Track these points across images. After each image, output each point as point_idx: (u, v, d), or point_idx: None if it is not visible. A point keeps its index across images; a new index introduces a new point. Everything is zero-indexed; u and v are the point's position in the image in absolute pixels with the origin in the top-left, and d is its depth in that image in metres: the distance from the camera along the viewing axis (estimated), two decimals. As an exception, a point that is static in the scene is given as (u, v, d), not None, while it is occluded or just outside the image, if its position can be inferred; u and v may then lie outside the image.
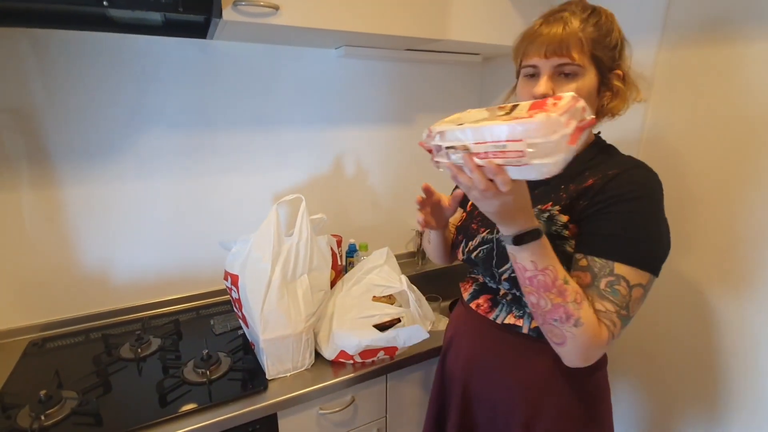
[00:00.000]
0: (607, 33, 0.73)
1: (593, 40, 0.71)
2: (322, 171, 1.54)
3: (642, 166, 0.74)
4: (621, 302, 0.69)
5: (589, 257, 0.71)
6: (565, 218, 0.75)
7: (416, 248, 1.76)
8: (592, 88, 0.74)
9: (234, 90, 1.33)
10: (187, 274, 1.39)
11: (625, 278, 0.69)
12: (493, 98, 1.72)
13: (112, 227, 1.26)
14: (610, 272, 0.69)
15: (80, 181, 1.20)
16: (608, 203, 0.71)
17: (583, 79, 0.73)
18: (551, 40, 0.72)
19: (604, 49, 0.73)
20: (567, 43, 0.71)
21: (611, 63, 0.74)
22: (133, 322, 1.29)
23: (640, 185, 0.71)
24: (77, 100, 1.15)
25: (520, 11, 1.37)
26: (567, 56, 0.71)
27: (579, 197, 0.74)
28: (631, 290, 0.69)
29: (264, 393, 0.99)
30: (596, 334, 0.69)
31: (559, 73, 0.73)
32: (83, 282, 1.26)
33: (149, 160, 1.27)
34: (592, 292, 0.70)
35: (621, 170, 0.73)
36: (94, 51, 1.14)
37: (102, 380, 1.01)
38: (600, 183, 0.73)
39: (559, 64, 0.72)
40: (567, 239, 0.74)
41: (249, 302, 0.99)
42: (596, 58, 0.72)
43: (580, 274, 0.72)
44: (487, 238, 0.85)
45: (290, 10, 1.01)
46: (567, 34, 0.71)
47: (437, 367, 1.02)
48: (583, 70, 0.72)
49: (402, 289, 1.19)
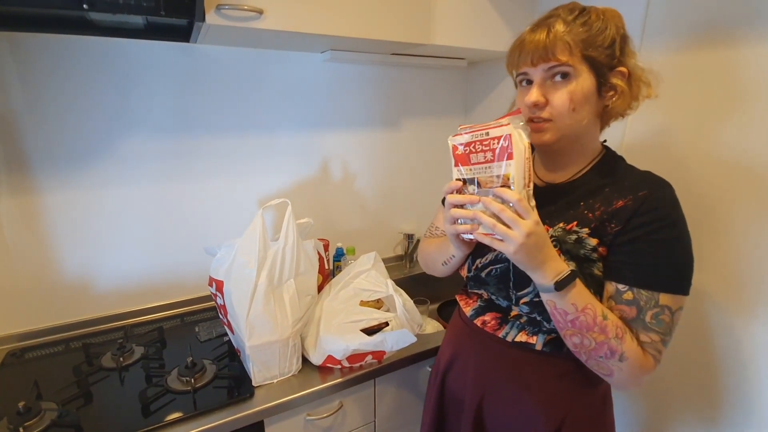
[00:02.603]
0: (600, 31, 0.69)
1: (583, 41, 0.69)
2: (308, 175, 1.53)
3: (668, 185, 0.72)
4: (665, 330, 0.69)
5: (635, 290, 0.69)
6: (594, 242, 0.72)
7: (404, 251, 1.76)
8: (589, 89, 0.71)
9: (219, 94, 1.32)
10: (171, 281, 1.36)
11: (669, 307, 0.68)
12: (479, 102, 1.73)
13: (93, 233, 1.23)
14: (655, 304, 0.68)
15: (61, 187, 1.17)
16: (648, 230, 0.68)
17: (577, 81, 0.70)
18: (536, 47, 0.70)
19: (597, 48, 0.69)
20: (552, 47, 0.69)
21: (610, 61, 0.71)
22: (115, 330, 1.27)
23: (673, 207, 0.70)
24: (58, 105, 1.13)
25: (504, 17, 1.39)
26: (554, 59, 0.70)
27: (609, 220, 0.71)
28: (673, 316, 0.69)
29: (250, 400, 0.98)
30: (642, 364, 0.69)
31: (552, 77, 0.71)
32: (63, 290, 1.23)
33: (132, 165, 1.25)
34: (637, 325, 0.70)
35: (650, 190, 0.70)
36: (76, 55, 1.12)
37: (83, 391, 0.99)
38: (632, 206, 0.70)
39: (549, 68, 0.71)
40: (595, 262, 0.72)
41: (234, 308, 0.98)
42: (589, 59, 0.70)
43: (625, 308, 0.70)
44: (501, 257, 0.81)
45: (274, 14, 1.01)
46: (552, 38, 0.69)
47: (432, 386, 0.99)
48: (576, 71, 0.70)
49: (389, 293, 1.19)
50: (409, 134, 1.70)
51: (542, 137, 0.74)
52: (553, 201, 0.78)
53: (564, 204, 0.77)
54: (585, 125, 0.73)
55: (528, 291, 0.77)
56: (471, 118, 1.79)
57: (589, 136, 0.77)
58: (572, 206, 0.76)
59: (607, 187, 0.74)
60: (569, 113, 0.71)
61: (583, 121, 0.72)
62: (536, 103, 0.71)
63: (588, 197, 0.75)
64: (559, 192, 0.79)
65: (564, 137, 0.73)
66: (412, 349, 1.14)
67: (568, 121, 0.71)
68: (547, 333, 0.78)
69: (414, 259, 1.78)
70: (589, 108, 0.72)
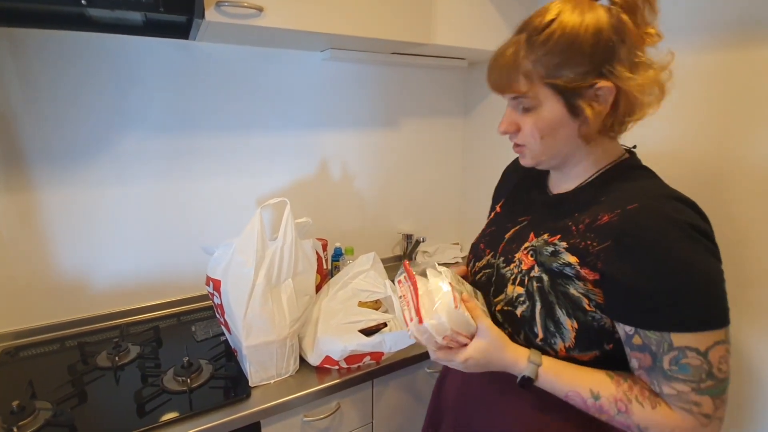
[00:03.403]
0: (567, 49, 0.60)
1: (545, 66, 0.61)
2: (307, 174, 1.52)
3: (668, 196, 0.60)
4: (696, 376, 0.56)
5: (640, 332, 0.59)
6: (572, 259, 0.64)
7: (403, 252, 1.76)
8: (555, 117, 0.64)
9: (218, 92, 1.31)
10: (167, 280, 1.35)
11: (691, 348, 0.56)
12: (478, 102, 1.73)
13: (90, 232, 1.22)
14: (669, 347, 0.57)
15: (58, 184, 1.16)
16: (639, 256, 0.58)
17: (539, 111, 0.64)
18: (495, 73, 0.67)
19: (564, 69, 0.60)
20: (509, 77, 0.64)
21: (583, 79, 0.60)
22: (111, 329, 1.26)
23: (673, 225, 0.57)
24: (56, 102, 1.12)
25: (505, 17, 1.38)
26: (513, 90, 0.65)
27: (591, 237, 0.63)
28: (705, 357, 0.55)
29: (247, 401, 0.97)
30: (677, 425, 0.58)
31: (516, 105, 0.67)
32: (59, 288, 1.22)
33: (130, 163, 1.24)
34: (656, 375, 0.59)
35: (642, 204, 0.59)
36: (74, 52, 1.12)
37: (77, 390, 0.98)
38: (618, 223, 0.60)
39: (513, 98, 0.66)
40: (571, 279, 0.64)
41: (231, 308, 0.97)
42: (553, 85, 0.62)
43: (639, 355, 0.60)
44: (490, 261, 0.78)
45: (274, 12, 1.00)
46: (509, 67, 0.64)
47: (433, 392, 0.97)
48: (539, 101, 0.64)
49: (388, 294, 1.18)
50: (408, 134, 1.70)
51: (523, 161, 0.73)
52: (551, 212, 0.73)
53: (557, 214, 0.71)
54: (562, 150, 0.68)
55: (501, 299, 0.72)
56: (471, 119, 1.79)
57: (581, 153, 0.69)
58: (563, 217, 0.70)
59: (603, 195, 0.66)
60: (538, 141, 0.67)
61: (559, 146, 0.67)
62: (505, 132, 0.70)
63: (582, 208, 0.67)
64: (559, 202, 0.74)
65: (547, 160, 0.70)
66: (410, 350, 1.13)
67: (539, 148, 0.68)
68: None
69: (413, 260, 1.77)
70: (562, 133, 0.65)
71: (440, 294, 0.67)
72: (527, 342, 0.69)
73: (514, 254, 0.74)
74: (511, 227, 0.79)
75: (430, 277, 0.72)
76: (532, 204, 0.80)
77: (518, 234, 0.77)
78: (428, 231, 1.81)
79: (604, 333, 0.63)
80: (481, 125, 1.74)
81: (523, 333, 0.69)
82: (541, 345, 0.67)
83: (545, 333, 0.66)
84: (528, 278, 0.69)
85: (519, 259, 0.72)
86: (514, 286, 0.71)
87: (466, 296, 0.69)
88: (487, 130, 1.72)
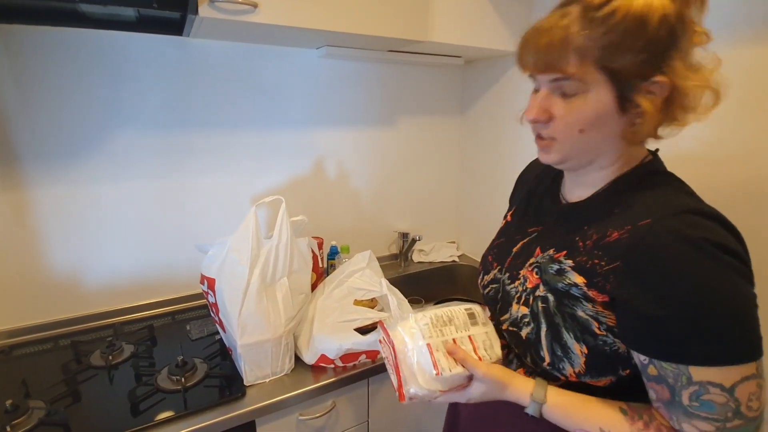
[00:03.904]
0: (631, 32, 0.51)
1: (602, 47, 0.52)
2: (302, 172, 1.52)
3: (685, 210, 0.53)
4: (721, 415, 0.49)
5: (655, 362, 0.53)
6: (580, 280, 0.58)
7: (399, 250, 1.75)
8: (604, 108, 0.55)
9: (213, 89, 1.30)
10: (162, 278, 1.35)
11: (714, 383, 0.49)
12: (475, 101, 1.73)
13: (84, 230, 1.22)
14: (688, 381, 0.50)
15: (52, 182, 1.15)
16: (647, 281, 0.51)
17: (587, 98, 0.55)
18: (538, 50, 0.56)
19: (624, 53, 0.52)
20: (556, 54, 0.54)
21: (643, 69, 0.52)
22: (105, 328, 1.25)
23: (691, 245, 0.50)
24: (49, 99, 1.11)
25: (501, 15, 1.38)
26: (558, 70, 0.55)
27: (599, 255, 0.57)
28: (731, 393, 0.49)
29: (242, 400, 0.96)
30: None
31: (556, 89, 0.57)
32: (53, 286, 1.21)
33: (124, 161, 1.23)
34: (676, 411, 0.53)
35: (655, 220, 0.52)
36: (68, 48, 1.11)
37: (71, 389, 0.97)
38: (627, 241, 0.54)
39: (553, 79, 0.56)
40: (578, 300, 0.58)
41: (226, 306, 0.96)
42: (608, 70, 0.53)
43: (656, 387, 0.54)
44: (497, 276, 0.73)
45: (269, 8, 0.99)
46: (558, 42, 0.54)
47: (448, 409, 0.94)
48: (586, 87, 0.54)
49: (383, 293, 1.18)
50: (404, 132, 1.69)
51: (546, 157, 0.63)
52: (563, 224, 0.67)
53: (567, 227, 0.65)
54: (604, 146, 0.59)
55: (506, 318, 0.68)
56: (467, 117, 1.78)
57: (611, 156, 0.61)
58: (572, 231, 0.63)
59: (617, 207, 0.59)
60: (575, 135, 0.57)
61: (598, 144, 0.59)
62: (535, 120, 0.60)
63: (592, 221, 0.61)
64: (572, 212, 0.67)
65: (574, 158, 0.61)
66: (406, 348, 1.13)
67: (574, 143, 0.58)
68: (531, 373, 0.67)
69: (409, 258, 1.77)
70: (605, 128, 0.57)
71: (418, 362, 0.63)
72: (534, 365, 0.64)
73: (519, 270, 0.69)
74: (520, 239, 0.74)
75: (406, 336, 0.66)
76: (543, 214, 0.74)
77: (526, 248, 0.71)
78: (424, 229, 1.81)
79: (619, 358, 0.57)
80: (478, 124, 1.74)
81: (529, 355, 0.65)
82: (548, 369, 0.62)
83: (552, 357, 0.61)
84: (533, 297, 0.64)
85: (524, 276, 0.67)
86: (518, 305, 0.67)
87: (451, 347, 0.64)
88: (483, 129, 1.71)
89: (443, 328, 0.66)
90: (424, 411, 1.29)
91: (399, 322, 0.68)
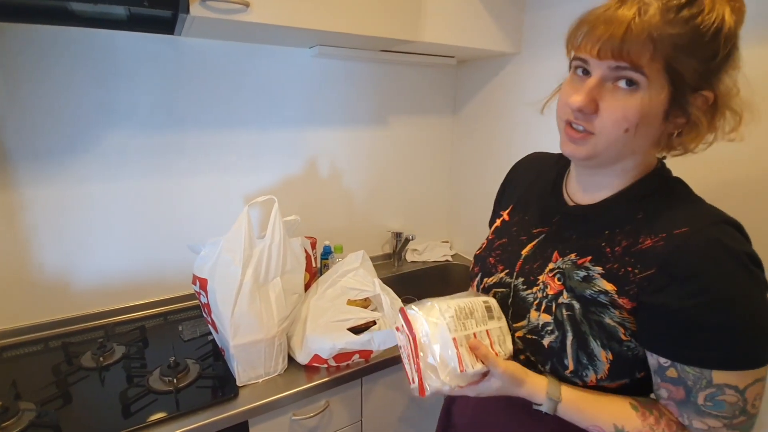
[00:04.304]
0: (707, 37, 0.50)
1: (677, 45, 0.50)
2: (295, 172, 1.51)
3: (725, 222, 0.54)
4: (730, 413, 0.53)
5: (678, 366, 0.54)
6: (609, 287, 0.58)
7: (392, 250, 1.76)
8: (654, 110, 0.53)
9: (205, 88, 1.30)
10: (154, 279, 1.34)
11: (731, 386, 0.52)
12: (467, 101, 1.73)
13: (74, 230, 1.20)
14: (708, 384, 0.53)
15: (42, 181, 1.14)
16: (688, 291, 0.52)
17: (645, 95, 0.52)
18: (610, 35, 0.52)
19: (691, 58, 0.51)
20: (631, 41, 0.51)
21: (698, 80, 0.52)
22: (96, 329, 1.24)
23: (727, 255, 0.51)
24: (40, 98, 1.10)
25: (493, 15, 1.39)
26: (626, 60, 0.51)
27: (631, 263, 0.56)
28: (743, 394, 0.52)
29: (234, 400, 0.96)
30: None
31: (615, 79, 0.54)
32: (43, 287, 1.20)
33: (115, 161, 1.22)
34: (687, 409, 0.55)
35: (693, 229, 0.53)
36: (59, 47, 1.10)
37: (62, 391, 0.96)
38: (664, 250, 0.54)
39: (616, 67, 0.53)
40: (606, 307, 0.58)
41: (218, 307, 0.96)
42: (673, 71, 0.51)
43: (671, 387, 0.56)
44: (505, 280, 0.71)
45: (261, 8, 0.99)
46: (637, 29, 0.50)
47: (442, 410, 0.91)
48: (648, 83, 0.52)
49: (376, 292, 1.18)
50: (397, 132, 1.69)
51: (576, 150, 0.59)
52: (575, 227, 0.66)
53: (585, 231, 0.64)
54: (636, 149, 0.58)
55: (523, 325, 0.67)
56: (460, 117, 1.79)
57: (635, 160, 0.61)
58: (593, 235, 0.62)
59: (641, 213, 0.59)
60: (620, 134, 0.55)
61: (633, 147, 0.57)
62: (581, 110, 0.55)
63: (614, 225, 0.60)
64: (585, 216, 0.65)
65: (603, 157, 0.58)
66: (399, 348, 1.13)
67: (613, 141, 0.56)
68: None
69: (402, 258, 1.77)
70: (647, 132, 0.55)
71: (444, 357, 0.61)
72: (554, 373, 0.63)
73: (537, 276, 0.67)
74: (526, 241, 0.72)
75: (429, 328, 0.63)
76: (548, 213, 0.71)
77: (539, 251, 0.69)
78: (417, 229, 1.81)
79: (638, 362, 0.59)
80: (471, 123, 1.74)
81: (550, 364, 0.63)
82: (569, 377, 0.62)
83: (576, 365, 0.60)
84: (555, 305, 0.63)
85: (544, 282, 0.65)
86: (538, 312, 0.65)
87: (474, 343, 0.62)
88: (476, 129, 1.72)
89: (465, 321, 0.64)
90: (418, 411, 1.29)
91: (422, 310, 0.64)
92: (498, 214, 0.83)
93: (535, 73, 1.43)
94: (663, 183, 0.61)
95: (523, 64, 1.47)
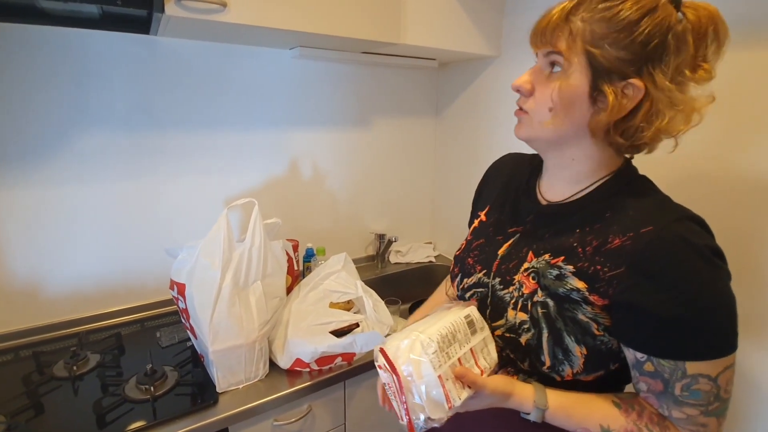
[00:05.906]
0: (624, 27, 0.54)
1: (592, 32, 0.56)
2: (276, 174, 1.50)
3: (687, 218, 0.56)
4: (705, 400, 0.56)
5: (654, 360, 0.57)
6: (581, 285, 0.60)
7: (375, 252, 1.75)
8: (576, 91, 0.58)
9: (182, 89, 1.27)
10: (130, 284, 1.30)
11: (704, 375, 0.55)
12: (449, 103, 1.74)
13: (46, 234, 1.17)
14: (682, 375, 0.55)
15: (12, 185, 1.11)
16: (656, 287, 0.54)
17: (564, 79, 0.58)
18: (541, 26, 0.60)
19: (610, 45, 0.55)
20: (553, 30, 0.58)
21: (623, 67, 0.56)
22: (69, 337, 1.20)
23: (692, 251, 0.54)
24: (11, 99, 1.07)
25: (473, 18, 1.40)
26: (549, 45, 0.59)
27: (601, 261, 0.59)
28: (716, 381, 0.55)
29: (214, 407, 0.94)
30: None
31: (547, 65, 0.61)
32: (12, 294, 1.15)
33: (90, 163, 1.18)
34: (667, 400, 0.58)
35: (657, 228, 0.55)
36: (31, 46, 1.06)
37: (33, 402, 0.93)
38: (631, 249, 0.56)
39: (547, 53, 0.60)
40: (579, 304, 0.60)
41: (197, 312, 0.94)
42: (591, 56, 0.56)
43: (650, 381, 0.59)
44: (483, 281, 0.73)
45: (239, 8, 0.98)
46: (557, 19, 0.58)
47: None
48: (569, 66, 0.58)
49: (359, 295, 1.18)
50: (380, 134, 1.69)
51: (517, 130, 0.66)
52: (548, 225, 0.68)
53: (557, 230, 0.66)
54: (565, 133, 0.62)
55: (501, 324, 0.68)
56: (442, 119, 1.80)
57: (583, 150, 0.64)
58: (565, 233, 0.65)
59: (608, 211, 0.62)
60: (545, 112, 0.61)
61: (566, 129, 0.61)
62: (518, 89, 0.63)
63: (584, 224, 0.63)
64: (557, 213, 0.68)
65: (542, 140, 0.64)
66: (382, 350, 1.12)
67: (541, 120, 0.61)
68: (528, 375, 0.67)
69: (385, 260, 1.77)
70: (573, 113, 0.60)
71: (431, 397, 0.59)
72: (532, 368, 0.65)
73: (513, 276, 0.68)
74: (502, 241, 0.73)
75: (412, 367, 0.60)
76: (521, 212, 0.74)
77: (514, 251, 0.71)
78: (401, 230, 1.81)
79: (612, 355, 0.61)
80: (453, 125, 1.75)
81: (528, 360, 0.65)
82: (547, 372, 0.64)
83: (553, 361, 0.63)
84: (531, 303, 0.65)
85: (519, 282, 0.67)
86: (515, 311, 0.66)
87: (459, 371, 0.60)
88: (458, 130, 1.73)
89: (449, 349, 0.62)
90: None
91: (402, 346, 0.61)
92: (476, 215, 0.84)
93: (515, 75, 1.38)
94: (629, 181, 0.64)
95: (504, 67, 1.49)
